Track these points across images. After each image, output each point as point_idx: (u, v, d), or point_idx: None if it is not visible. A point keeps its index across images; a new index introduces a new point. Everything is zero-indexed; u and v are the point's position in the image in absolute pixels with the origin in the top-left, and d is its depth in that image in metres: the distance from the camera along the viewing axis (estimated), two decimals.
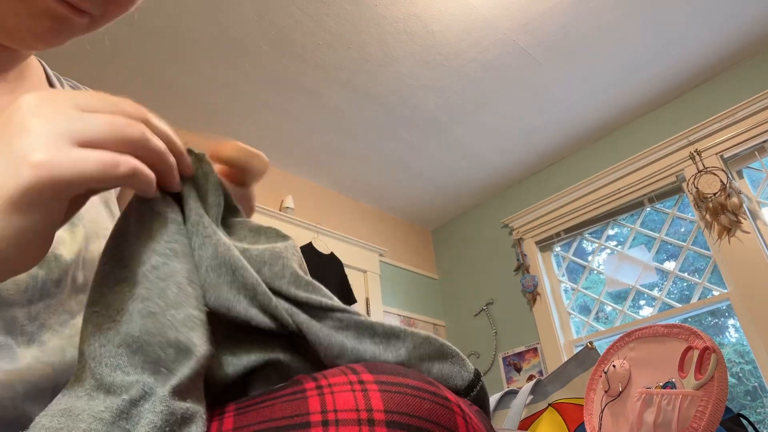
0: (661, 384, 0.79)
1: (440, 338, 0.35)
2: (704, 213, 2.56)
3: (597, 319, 2.99)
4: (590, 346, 1.13)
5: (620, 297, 2.93)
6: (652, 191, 2.84)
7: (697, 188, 2.59)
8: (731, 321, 2.80)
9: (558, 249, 3.26)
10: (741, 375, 2.68)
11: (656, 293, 2.78)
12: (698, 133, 2.69)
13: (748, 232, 2.43)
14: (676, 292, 2.84)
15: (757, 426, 0.96)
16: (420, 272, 3.69)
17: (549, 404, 1.10)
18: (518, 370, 3.10)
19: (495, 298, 3.38)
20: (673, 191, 2.82)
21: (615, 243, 3.07)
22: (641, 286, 2.82)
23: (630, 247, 2.93)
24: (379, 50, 2.42)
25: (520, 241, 3.31)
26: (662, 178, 2.80)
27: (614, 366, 0.87)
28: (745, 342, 2.41)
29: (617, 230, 3.11)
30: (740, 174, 2.63)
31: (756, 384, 2.60)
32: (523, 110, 2.87)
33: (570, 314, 3.06)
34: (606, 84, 2.74)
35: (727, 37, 2.51)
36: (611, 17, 2.35)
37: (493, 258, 3.47)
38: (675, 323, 0.83)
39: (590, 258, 3.12)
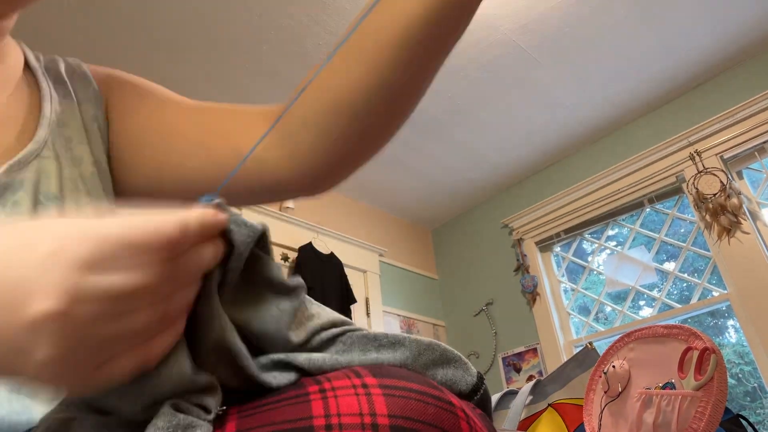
0: (661, 385, 0.79)
1: (442, 343, 0.35)
2: (704, 214, 2.56)
3: (597, 320, 2.99)
4: (590, 347, 1.13)
5: (620, 297, 2.93)
6: (652, 192, 2.84)
7: (697, 189, 2.59)
8: (731, 322, 2.81)
9: (558, 249, 3.26)
10: (740, 376, 2.69)
11: (656, 294, 2.78)
12: (698, 134, 2.69)
13: (748, 233, 2.43)
14: (676, 293, 2.84)
15: (757, 427, 0.96)
16: (420, 272, 3.69)
17: (548, 405, 1.10)
18: (518, 371, 3.10)
19: (495, 299, 3.38)
20: (673, 192, 2.82)
21: (615, 243, 3.07)
22: (641, 287, 2.82)
23: (630, 248, 2.93)
24: None
25: (520, 242, 3.31)
26: (662, 179, 2.80)
27: (614, 366, 0.87)
28: (745, 343, 2.42)
29: (617, 231, 3.11)
30: (740, 175, 2.63)
31: (755, 385, 2.60)
32: (523, 110, 2.87)
33: (570, 315, 3.07)
34: (606, 84, 2.74)
35: (727, 38, 2.51)
36: (611, 17, 2.35)
37: (493, 258, 3.47)
38: (674, 324, 0.83)
39: (590, 258, 3.12)
